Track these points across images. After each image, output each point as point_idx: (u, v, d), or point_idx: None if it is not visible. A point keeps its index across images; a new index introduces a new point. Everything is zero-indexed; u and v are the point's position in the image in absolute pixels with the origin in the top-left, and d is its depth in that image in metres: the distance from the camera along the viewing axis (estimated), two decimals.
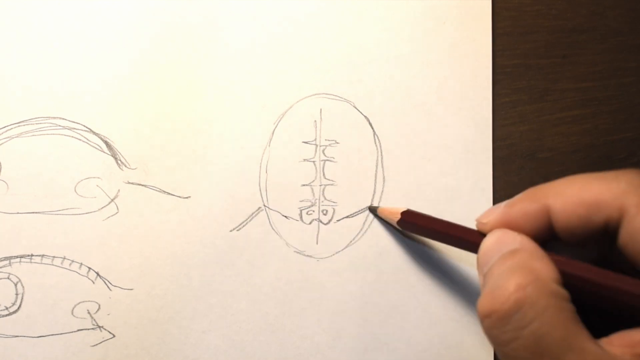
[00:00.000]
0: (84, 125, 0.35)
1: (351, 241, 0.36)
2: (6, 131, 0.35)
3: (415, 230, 0.33)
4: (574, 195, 0.26)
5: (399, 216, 0.33)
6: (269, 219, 0.35)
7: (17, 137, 0.35)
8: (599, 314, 0.26)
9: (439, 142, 0.36)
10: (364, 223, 0.36)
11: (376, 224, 0.36)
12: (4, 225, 0.34)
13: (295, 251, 0.35)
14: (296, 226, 0.35)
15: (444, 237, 0.31)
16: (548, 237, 0.27)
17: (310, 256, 0.35)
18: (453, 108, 0.36)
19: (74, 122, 0.35)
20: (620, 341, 0.24)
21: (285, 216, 0.35)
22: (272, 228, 0.35)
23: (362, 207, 0.36)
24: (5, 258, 0.34)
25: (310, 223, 0.35)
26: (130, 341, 0.34)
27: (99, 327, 0.34)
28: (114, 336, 0.34)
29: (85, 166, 0.35)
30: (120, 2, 0.36)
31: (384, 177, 0.36)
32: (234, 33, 0.36)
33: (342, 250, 0.35)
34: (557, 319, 0.23)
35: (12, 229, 0.34)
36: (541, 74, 0.38)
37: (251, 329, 0.35)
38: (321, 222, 0.36)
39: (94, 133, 0.35)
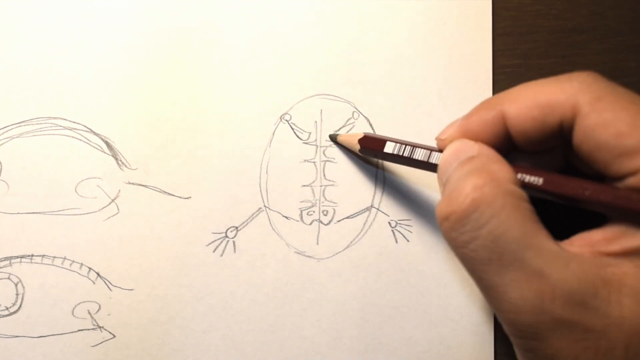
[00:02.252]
0: (85, 126, 0.35)
1: (351, 242, 0.36)
2: (7, 131, 0.35)
3: (376, 155, 0.33)
4: (528, 99, 0.25)
5: (357, 144, 0.33)
6: (269, 219, 0.35)
7: (17, 137, 0.35)
8: (559, 220, 0.26)
9: None
10: (364, 224, 0.36)
11: (376, 224, 0.36)
12: (4, 225, 0.34)
13: (295, 252, 0.35)
14: (296, 227, 0.35)
15: (404, 159, 0.31)
16: (507, 145, 0.27)
17: (310, 257, 0.35)
18: (453, 108, 0.36)
19: (74, 122, 0.35)
20: (580, 242, 0.24)
21: (286, 217, 0.35)
22: (273, 229, 0.35)
23: (363, 208, 0.36)
24: (6, 258, 0.34)
25: (310, 224, 0.35)
26: (130, 341, 0.34)
27: (100, 327, 0.34)
28: (114, 336, 0.34)
29: (85, 166, 0.35)
30: (121, 2, 0.35)
31: (384, 178, 0.36)
32: (234, 33, 0.36)
33: (343, 250, 0.35)
34: (514, 217, 0.23)
35: (13, 229, 0.34)
36: (541, 74, 0.38)
37: (251, 330, 0.35)
38: (321, 222, 0.36)
39: (95, 133, 0.35)
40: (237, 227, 0.35)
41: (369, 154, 0.34)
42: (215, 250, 0.35)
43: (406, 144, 0.31)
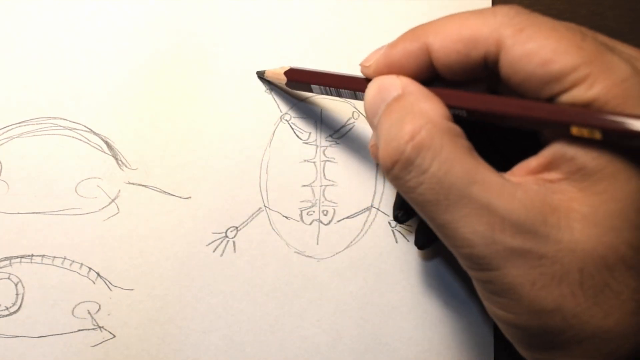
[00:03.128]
0: (85, 126, 0.35)
1: (351, 242, 0.36)
2: (7, 131, 0.35)
3: (303, 88, 0.33)
4: (452, 32, 0.25)
5: (284, 76, 0.33)
6: (269, 219, 0.35)
7: (17, 137, 0.35)
8: (496, 155, 0.25)
9: None
10: (364, 224, 0.36)
11: (376, 224, 0.36)
12: (4, 225, 0.34)
13: (295, 252, 0.35)
14: (296, 227, 0.35)
15: (330, 90, 0.31)
16: (431, 76, 0.27)
17: (310, 257, 0.35)
18: None
19: (74, 122, 0.35)
20: (520, 171, 0.25)
21: (286, 217, 0.35)
22: (273, 228, 0.35)
23: (363, 208, 0.36)
24: (6, 258, 0.34)
25: (310, 224, 0.36)
26: (130, 341, 0.34)
27: (100, 327, 0.34)
28: (114, 336, 0.34)
29: (85, 166, 0.35)
30: (121, 3, 0.36)
31: (384, 178, 0.36)
32: (234, 34, 0.36)
33: (343, 250, 0.35)
34: (454, 156, 0.23)
35: (13, 229, 0.34)
36: None
37: (251, 329, 0.35)
38: (321, 222, 0.36)
39: (95, 133, 0.35)
40: (237, 227, 0.35)
41: (298, 87, 0.33)
42: (215, 250, 0.35)
43: (332, 82, 0.31)
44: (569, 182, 0.23)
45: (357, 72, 0.36)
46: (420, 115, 0.24)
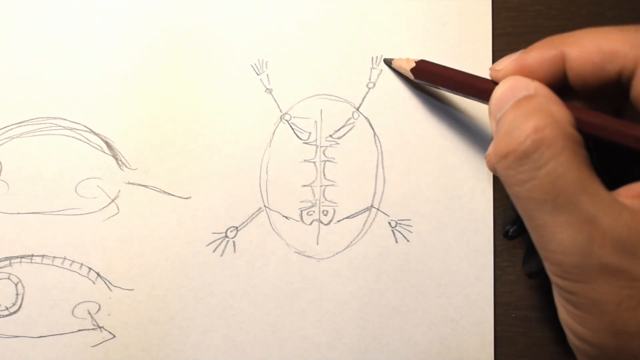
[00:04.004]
0: (85, 126, 0.35)
1: (351, 242, 0.36)
2: (7, 131, 0.35)
3: (428, 79, 0.33)
4: (591, 44, 0.25)
5: (413, 64, 0.33)
6: (269, 219, 0.35)
7: (17, 137, 0.35)
8: (603, 173, 0.25)
9: (440, 143, 0.36)
10: (364, 224, 0.36)
11: (376, 224, 0.36)
12: (4, 225, 0.34)
13: (295, 252, 0.35)
14: (296, 227, 0.35)
15: (457, 85, 0.30)
16: (562, 87, 0.26)
17: (310, 257, 0.35)
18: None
19: (74, 122, 0.35)
20: (628, 193, 0.25)
21: (286, 217, 0.35)
22: (273, 229, 0.35)
23: (363, 208, 0.36)
24: (6, 258, 0.34)
25: (310, 224, 0.36)
26: (130, 341, 0.34)
27: (100, 327, 0.34)
28: (114, 336, 0.34)
29: (85, 166, 0.35)
30: (121, 3, 0.36)
31: (384, 178, 0.36)
32: (234, 33, 0.36)
33: (343, 250, 0.35)
34: (573, 161, 0.23)
35: (13, 229, 0.34)
36: None
37: (251, 329, 0.35)
38: (321, 222, 0.36)
39: (95, 133, 0.35)
40: (237, 227, 0.35)
41: (422, 78, 0.33)
42: (215, 250, 0.35)
43: (460, 78, 0.31)
44: None
45: (357, 71, 0.37)
46: (547, 114, 0.24)
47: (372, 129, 0.36)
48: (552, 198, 0.23)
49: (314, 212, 0.36)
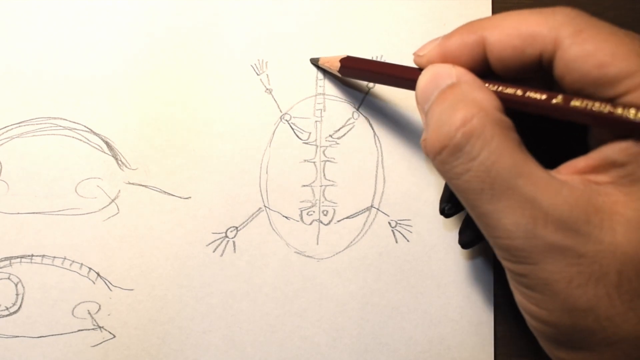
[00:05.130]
0: (85, 126, 0.35)
1: (351, 242, 0.36)
2: (7, 131, 0.35)
3: (355, 75, 0.33)
4: (511, 27, 0.25)
5: (338, 64, 0.33)
6: (269, 219, 0.35)
7: (17, 137, 0.35)
8: (543, 152, 0.26)
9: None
10: (364, 224, 0.36)
11: (376, 224, 0.36)
12: (4, 225, 0.34)
13: (295, 252, 0.35)
14: (296, 227, 0.35)
15: (383, 78, 0.31)
16: (484, 71, 0.27)
17: (310, 257, 0.35)
18: None
19: (74, 122, 0.35)
20: (567, 170, 0.25)
21: (286, 217, 0.35)
22: (273, 229, 0.35)
23: (363, 208, 0.36)
24: (6, 258, 0.34)
25: (310, 224, 0.36)
26: (130, 341, 0.34)
27: (100, 327, 0.34)
28: (114, 337, 0.34)
29: (85, 166, 0.35)
30: (121, 3, 0.36)
31: (384, 178, 0.36)
32: (234, 34, 0.36)
33: (343, 250, 0.35)
34: (504, 146, 0.23)
35: (13, 229, 0.34)
36: None
37: (251, 330, 0.35)
38: (321, 222, 0.36)
39: (95, 133, 0.35)
40: (237, 227, 0.35)
41: (350, 75, 0.34)
42: (215, 250, 0.35)
43: (385, 70, 0.31)
44: (615, 186, 0.23)
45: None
46: (473, 103, 0.24)
47: (372, 129, 0.36)
48: (489, 186, 0.23)
49: (314, 212, 0.36)
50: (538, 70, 0.26)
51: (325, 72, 0.36)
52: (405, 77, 0.29)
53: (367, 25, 0.36)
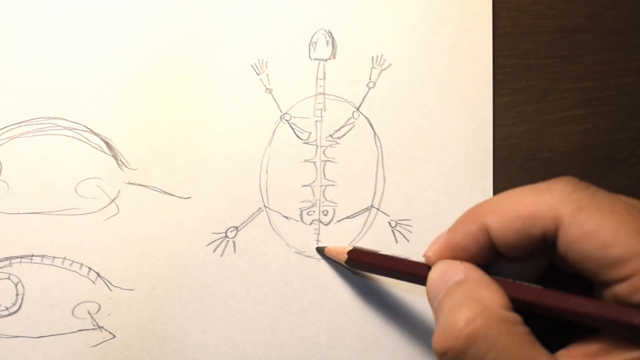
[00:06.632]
0: (85, 126, 0.35)
1: (351, 242, 0.36)
2: (7, 131, 0.35)
3: (363, 268, 0.33)
4: (509, 210, 0.25)
5: (345, 256, 0.33)
6: (269, 219, 0.35)
7: (17, 137, 0.35)
8: (555, 325, 0.25)
9: (440, 142, 0.36)
10: (364, 224, 0.36)
11: (376, 224, 0.36)
12: (4, 225, 0.34)
13: (295, 252, 0.35)
14: (296, 227, 0.35)
15: (392, 273, 0.31)
16: (493, 254, 0.27)
17: (310, 257, 0.35)
18: (453, 108, 0.36)
19: (74, 122, 0.35)
20: (577, 352, 0.24)
21: (286, 217, 0.35)
22: (273, 229, 0.35)
23: (363, 208, 0.36)
24: (6, 258, 0.34)
25: (310, 224, 0.36)
26: (130, 341, 0.34)
27: (100, 327, 0.34)
28: (114, 337, 0.34)
29: (85, 166, 0.35)
30: (121, 3, 0.36)
31: (384, 178, 0.36)
32: (234, 34, 0.36)
33: None
34: (511, 345, 0.23)
35: (13, 229, 0.34)
36: (541, 74, 0.38)
37: (251, 329, 0.35)
38: (321, 222, 0.36)
39: (95, 133, 0.35)
40: (237, 227, 0.35)
41: (357, 267, 0.33)
42: (215, 250, 0.35)
43: (393, 265, 0.31)
44: None
45: (357, 70, 0.36)
46: (478, 302, 0.24)
47: (372, 128, 0.36)
48: None
49: (314, 212, 0.36)
50: (544, 246, 0.25)
51: (325, 74, 0.36)
52: (416, 273, 0.29)
53: (367, 25, 0.36)
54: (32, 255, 0.34)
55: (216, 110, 0.35)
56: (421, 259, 0.36)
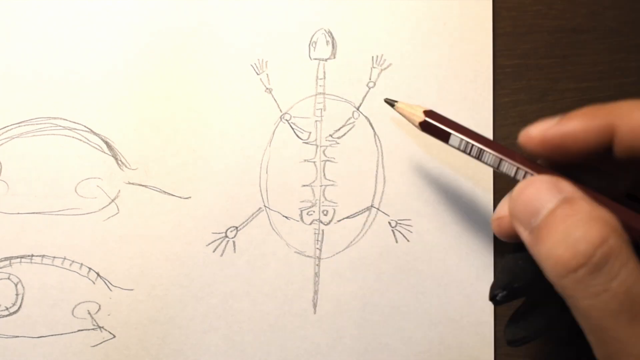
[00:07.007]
0: (85, 126, 0.35)
1: (351, 242, 0.36)
2: (7, 131, 0.35)
3: (436, 134, 0.30)
4: None
5: (421, 115, 0.30)
6: (269, 219, 0.35)
7: (17, 137, 0.35)
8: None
9: (439, 143, 0.36)
10: (364, 224, 0.36)
11: (376, 224, 0.36)
12: (4, 225, 0.34)
13: (295, 252, 0.35)
14: (296, 227, 0.35)
15: (469, 147, 0.29)
16: (588, 162, 0.26)
17: (310, 257, 0.35)
18: (453, 108, 0.36)
19: (74, 122, 0.35)
20: None
21: (286, 217, 0.35)
22: (273, 228, 0.35)
23: (363, 208, 0.36)
24: (6, 258, 0.34)
25: (310, 223, 0.36)
26: (130, 342, 0.34)
27: (100, 327, 0.34)
28: (114, 337, 0.34)
29: (85, 166, 0.35)
30: (122, 3, 0.36)
31: (384, 178, 0.36)
32: (234, 33, 0.36)
33: (343, 250, 0.35)
34: (638, 267, 0.23)
35: (13, 229, 0.34)
36: (541, 74, 0.38)
37: (251, 329, 0.35)
38: (322, 222, 0.36)
39: (95, 133, 0.35)
40: (237, 227, 0.35)
41: (429, 131, 0.31)
42: (215, 250, 0.35)
43: (474, 140, 0.29)
44: None
45: (357, 70, 0.36)
46: (604, 222, 0.24)
47: (372, 128, 0.36)
48: (628, 308, 0.23)
49: (314, 212, 0.36)
50: None
51: (325, 74, 0.36)
52: (501, 153, 0.27)
53: (367, 25, 0.36)
54: (32, 255, 0.34)
55: (216, 110, 0.35)
56: (421, 259, 0.36)
